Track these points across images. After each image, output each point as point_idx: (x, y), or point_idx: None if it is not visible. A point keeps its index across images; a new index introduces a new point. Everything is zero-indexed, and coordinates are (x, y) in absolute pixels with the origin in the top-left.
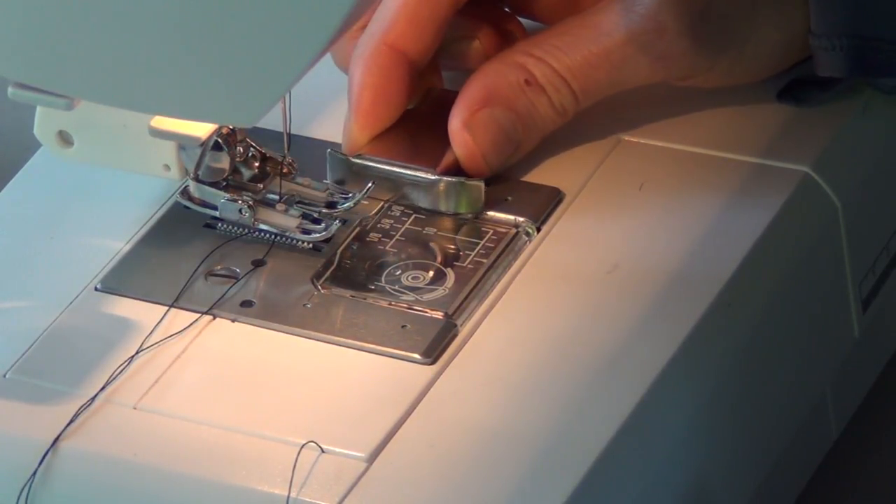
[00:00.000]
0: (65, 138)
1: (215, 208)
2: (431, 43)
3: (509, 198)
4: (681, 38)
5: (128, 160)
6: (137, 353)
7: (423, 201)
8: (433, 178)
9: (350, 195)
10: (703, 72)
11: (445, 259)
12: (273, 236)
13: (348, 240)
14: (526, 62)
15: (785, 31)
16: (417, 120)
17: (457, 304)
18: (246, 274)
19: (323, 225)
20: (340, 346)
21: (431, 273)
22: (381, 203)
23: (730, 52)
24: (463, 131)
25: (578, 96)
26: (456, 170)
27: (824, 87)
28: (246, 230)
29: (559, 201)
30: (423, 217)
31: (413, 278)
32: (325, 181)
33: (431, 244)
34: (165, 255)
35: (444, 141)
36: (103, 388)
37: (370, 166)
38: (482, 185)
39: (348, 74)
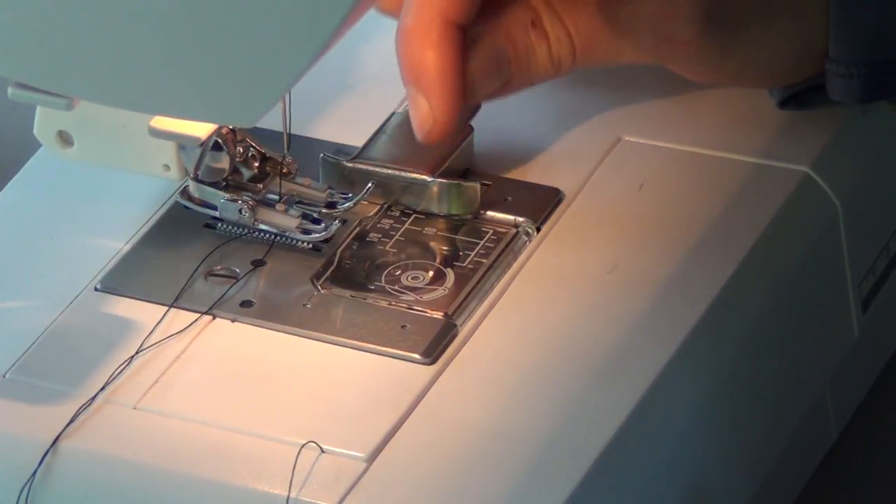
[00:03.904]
0: (65, 138)
1: (215, 208)
2: (477, 5)
3: (509, 198)
4: (691, 24)
5: (128, 160)
6: (137, 353)
7: (419, 204)
8: (429, 180)
9: (350, 195)
10: (711, 68)
11: (445, 259)
12: (273, 236)
13: (348, 240)
14: (539, 6)
15: (802, 42)
16: (408, 123)
17: (457, 304)
18: (246, 274)
19: (323, 225)
20: (340, 346)
21: (431, 273)
22: (380, 204)
23: (740, 52)
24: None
25: (577, 54)
26: (452, 172)
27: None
28: (246, 230)
29: (559, 201)
30: (423, 217)
31: (413, 278)
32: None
33: (431, 244)
34: (165, 255)
35: (435, 144)
36: (103, 388)
37: (364, 170)
38: (478, 186)
39: (407, 57)
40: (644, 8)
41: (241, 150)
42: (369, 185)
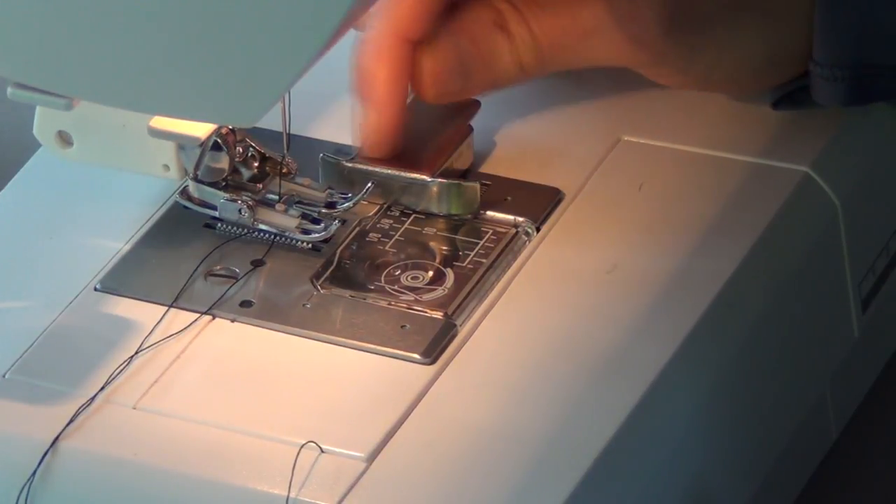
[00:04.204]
0: (65, 138)
1: (215, 208)
2: (436, 22)
3: (509, 198)
4: (655, 25)
5: (128, 160)
6: (137, 353)
7: (418, 204)
8: (429, 180)
9: (349, 195)
10: (678, 71)
11: (445, 259)
12: (272, 236)
13: (348, 240)
14: (503, 8)
15: (771, 46)
16: (408, 123)
17: (456, 304)
18: (245, 274)
19: (322, 225)
20: (340, 346)
21: (431, 273)
22: (380, 204)
23: (707, 55)
24: (420, 48)
25: (542, 55)
26: (452, 172)
27: None
28: (245, 230)
29: (559, 201)
30: (423, 217)
31: (412, 278)
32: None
33: (431, 244)
34: (165, 255)
35: (434, 144)
36: (103, 388)
37: (364, 170)
38: (478, 186)
39: (359, 69)
40: (608, 9)
41: (241, 150)
42: (369, 185)
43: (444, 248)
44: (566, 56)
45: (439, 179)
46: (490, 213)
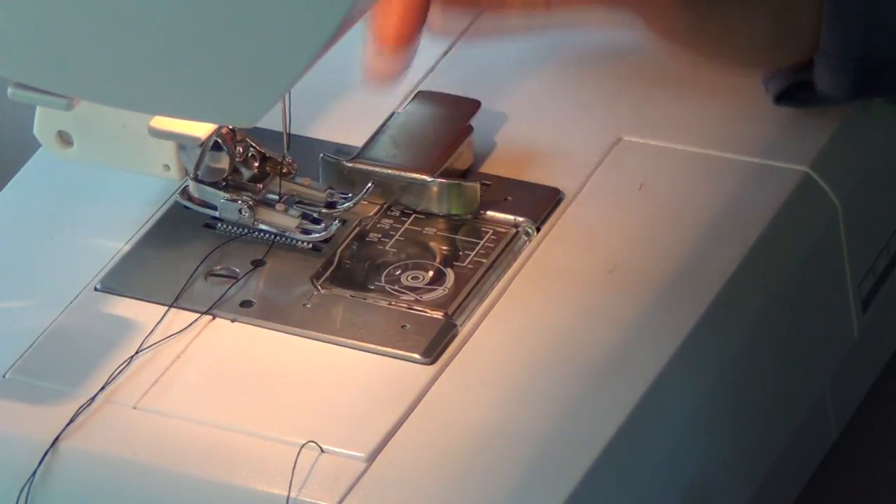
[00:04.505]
0: (65, 138)
1: (215, 208)
2: None
3: (509, 198)
4: None
5: (128, 160)
6: (137, 353)
7: (419, 204)
8: (429, 180)
9: (350, 195)
10: (686, 28)
11: (445, 259)
12: (273, 236)
13: (348, 240)
14: None
15: (781, 24)
16: (409, 123)
17: (456, 304)
18: (245, 274)
19: (322, 225)
20: (340, 346)
21: (431, 273)
22: (380, 204)
23: (716, 27)
24: None
25: None
26: (452, 172)
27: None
28: (246, 230)
29: (559, 201)
30: (423, 217)
31: (413, 278)
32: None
33: (431, 244)
34: (165, 255)
35: (434, 144)
36: (103, 388)
37: (364, 170)
38: (478, 186)
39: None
40: None
41: (241, 150)
42: (369, 185)
43: (445, 248)
44: None
45: (439, 179)
46: (490, 213)
